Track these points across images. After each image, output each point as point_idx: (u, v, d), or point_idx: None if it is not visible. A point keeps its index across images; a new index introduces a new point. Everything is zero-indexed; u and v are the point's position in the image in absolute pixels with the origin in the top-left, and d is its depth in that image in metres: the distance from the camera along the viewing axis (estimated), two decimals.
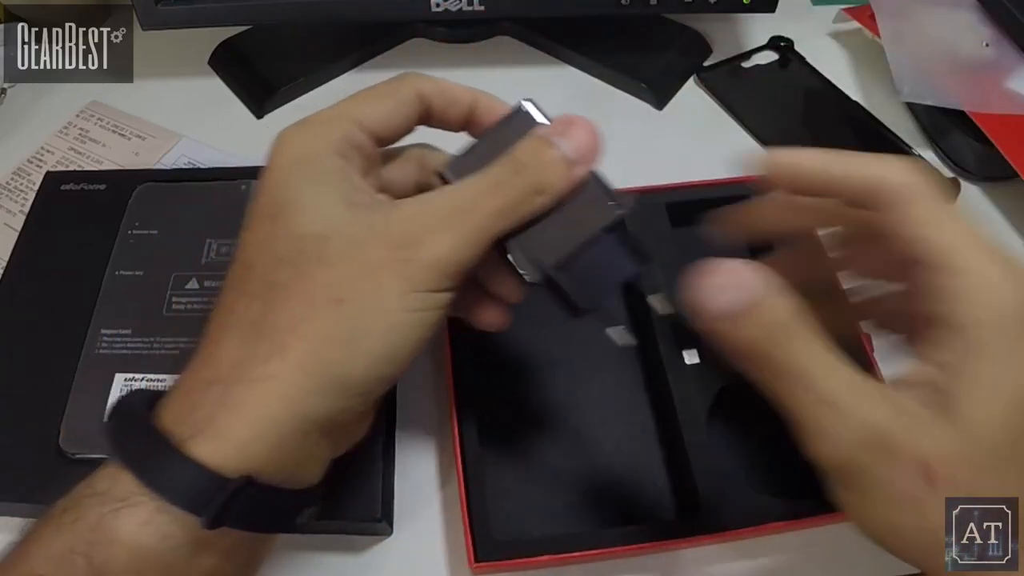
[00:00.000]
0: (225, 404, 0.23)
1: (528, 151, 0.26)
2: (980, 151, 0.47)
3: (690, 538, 0.32)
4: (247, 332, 0.24)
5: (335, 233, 0.24)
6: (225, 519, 0.23)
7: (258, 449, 0.23)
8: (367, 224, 0.24)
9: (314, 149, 0.26)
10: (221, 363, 0.24)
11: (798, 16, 0.58)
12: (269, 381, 0.23)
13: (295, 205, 0.25)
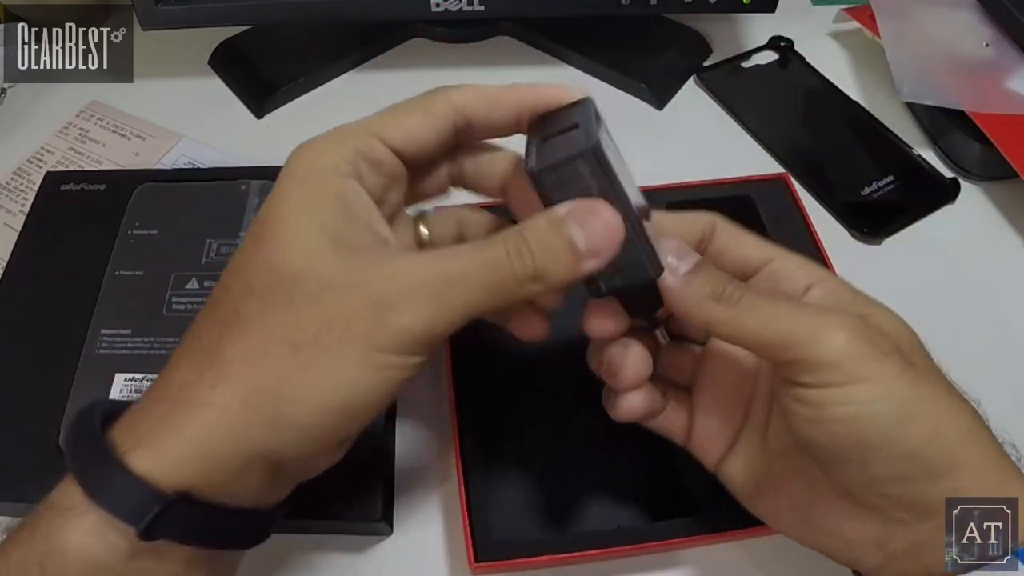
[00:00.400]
0: (167, 422, 0.23)
1: (537, 233, 0.24)
2: (980, 151, 0.47)
3: (690, 538, 0.32)
4: (201, 357, 0.24)
5: (311, 275, 0.23)
6: (160, 532, 0.23)
7: (195, 467, 0.23)
8: (345, 271, 0.23)
9: (321, 165, 0.24)
10: (171, 383, 0.24)
11: (798, 16, 0.58)
12: (210, 407, 0.23)
13: (279, 233, 0.24)
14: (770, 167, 0.49)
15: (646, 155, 0.50)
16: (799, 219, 0.42)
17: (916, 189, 0.48)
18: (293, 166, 0.25)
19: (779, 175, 0.45)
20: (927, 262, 0.45)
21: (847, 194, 0.47)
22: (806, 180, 0.48)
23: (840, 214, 0.47)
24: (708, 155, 0.50)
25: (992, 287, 0.44)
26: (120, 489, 0.23)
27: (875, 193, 0.47)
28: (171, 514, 0.23)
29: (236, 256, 0.25)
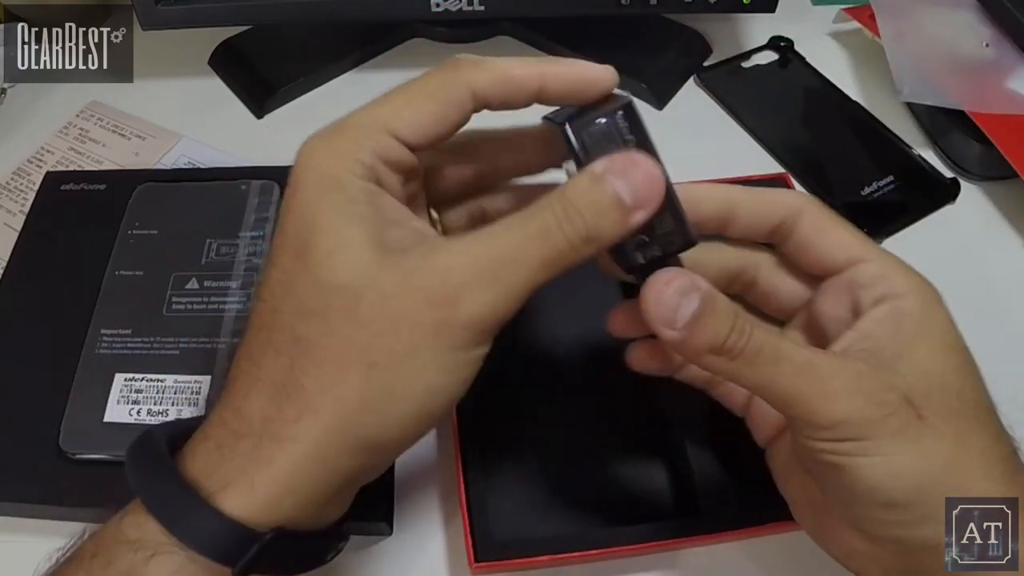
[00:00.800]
0: (255, 459, 0.22)
1: (581, 193, 0.23)
2: (980, 151, 0.47)
3: (690, 538, 0.32)
4: (276, 390, 0.23)
5: (366, 287, 0.22)
6: (255, 567, 0.23)
7: (289, 504, 0.23)
8: (400, 276, 0.22)
9: (343, 170, 0.23)
10: (252, 419, 0.23)
11: (798, 16, 0.58)
12: (299, 442, 0.22)
13: (323, 246, 0.22)
14: (770, 167, 0.49)
15: None
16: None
17: (916, 189, 0.48)
18: (311, 172, 0.23)
19: (779, 175, 0.45)
20: (927, 262, 0.44)
21: (847, 194, 0.47)
22: (806, 180, 0.48)
23: (840, 214, 0.46)
24: (708, 155, 0.49)
25: (992, 287, 0.44)
26: (214, 532, 0.22)
27: (875, 193, 0.47)
28: (265, 550, 0.22)
29: (274, 274, 0.24)
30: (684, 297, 0.23)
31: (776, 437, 0.29)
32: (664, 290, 0.23)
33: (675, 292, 0.23)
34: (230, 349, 0.37)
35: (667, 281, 0.23)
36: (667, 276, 0.24)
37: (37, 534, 0.35)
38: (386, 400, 0.22)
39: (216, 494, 0.22)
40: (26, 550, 0.26)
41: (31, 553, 0.26)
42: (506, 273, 0.22)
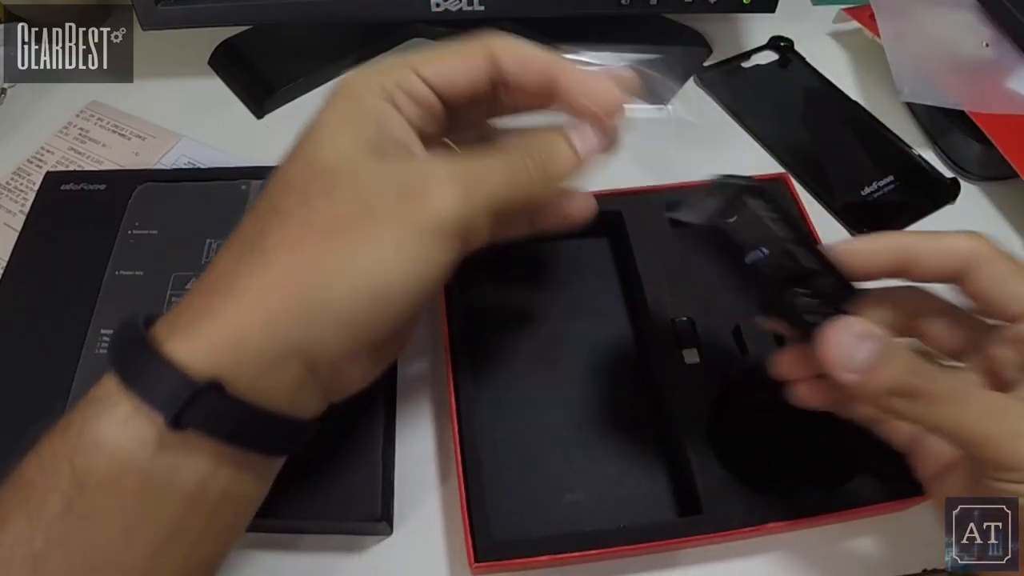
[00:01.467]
0: (204, 311, 0.24)
1: (542, 139, 0.27)
2: (980, 151, 0.47)
3: (690, 538, 0.32)
4: (241, 249, 0.25)
5: (346, 171, 0.25)
6: (189, 421, 0.23)
7: (227, 354, 0.23)
8: (380, 170, 0.25)
9: (362, 88, 0.26)
10: (211, 275, 0.25)
11: (798, 16, 0.58)
12: (246, 293, 0.24)
13: (319, 137, 0.26)
14: (770, 167, 0.49)
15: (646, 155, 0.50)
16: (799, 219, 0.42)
17: (916, 189, 0.48)
18: (337, 89, 0.27)
19: (779, 175, 0.45)
20: None
21: (847, 194, 0.47)
22: (806, 180, 0.48)
23: (840, 214, 0.47)
24: (708, 155, 0.50)
25: None
26: (153, 376, 0.23)
27: (875, 193, 0.47)
28: (201, 403, 0.23)
29: (281, 164, 0.27)
30: (862, 341, 0.24)
31: (943, 473, 0.29)
32: (842, 335, 0.25)
33: (853, 337, 0.24)
34: None
35: (844, 327, 0.25)
36: (844, 322, 0.25)
37: None
38: (337, 267, 0.23)
39: (165, 343, 0.23)
40: None
41: None
42: (474, 183, 0.25)
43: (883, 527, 0.35)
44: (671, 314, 0.38)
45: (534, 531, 0.34)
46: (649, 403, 0.38)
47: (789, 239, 0.26)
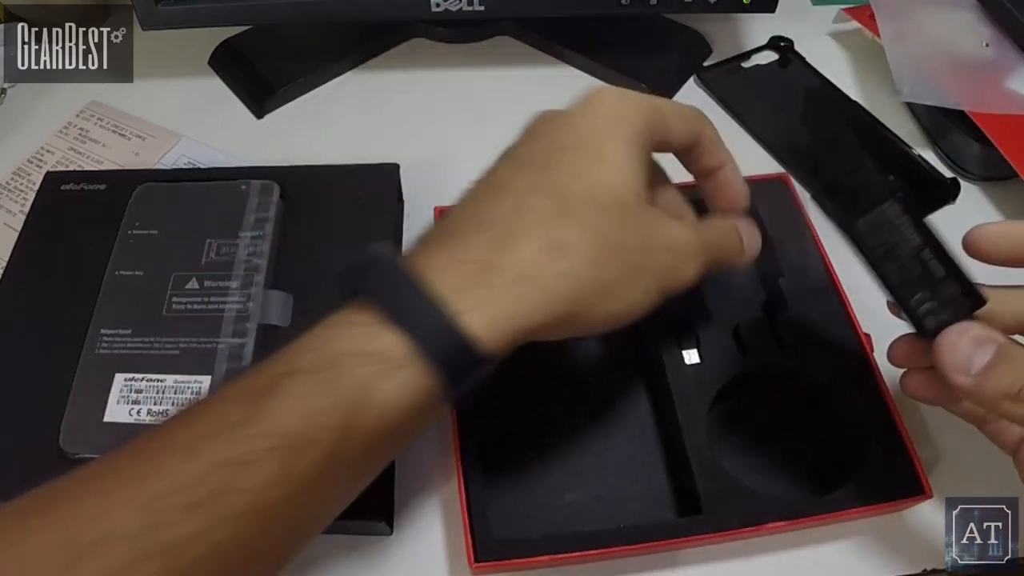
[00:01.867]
0: (508, 294, 0.25)
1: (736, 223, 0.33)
2: (980, 151, 0.47)
3: (690, 538, 0.32)
4: (548, 239, 0.25)
5: (638, 208, 0.27)
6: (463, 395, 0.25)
7: (510, 340, 0.25)
8: (654, 219, 0.28)
9: (627, 113, 0.28)
10: (513, 262, 0.25)
11: (798, 16, 0.58)
12: (549, 292, 0.25)
13: (614, 163, 0.27)
14: (770, 167, 0.49)
15: None
16: (799, 219, 0.42)
17: (916, 189, 0.48)
18: (599, 107, 0.28)
19: (779, 175, 0.45)
20: None
21: None
22: (806, 180, 0.48)
23: None
24: None
25: None
26: (456, 350, 0.24)
27: None
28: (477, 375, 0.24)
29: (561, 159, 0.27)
30: (979, 347, 0.25)
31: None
32: (959, 340, 0.26)
33: (970, 342, 0.25)
34: (230, 349, 0.37)
35: (962, 331, 0.26)
36: (963, 326, 0.26)
37: None
38: (612, 296, 0.26)
39: (463, 314, 0.24)
40: None
41: None
42: (707, 255, 0.29)
43: (883, 527, 0.35)
44: (672, 314, 0.38)
45: (534, 531, 0.34)
46: (649, 403, 0.38)
47: (921, 244, 0.27)
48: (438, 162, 0.48)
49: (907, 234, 0.27)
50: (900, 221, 0.27)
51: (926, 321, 0.27)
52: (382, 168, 0.45)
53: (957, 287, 0.27)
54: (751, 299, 0.38)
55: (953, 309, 0.27)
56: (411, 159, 0.46)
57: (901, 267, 0.27)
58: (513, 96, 0.54)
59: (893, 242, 0.27)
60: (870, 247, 0.27)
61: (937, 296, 0.27)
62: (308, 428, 0.22)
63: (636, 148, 0.28)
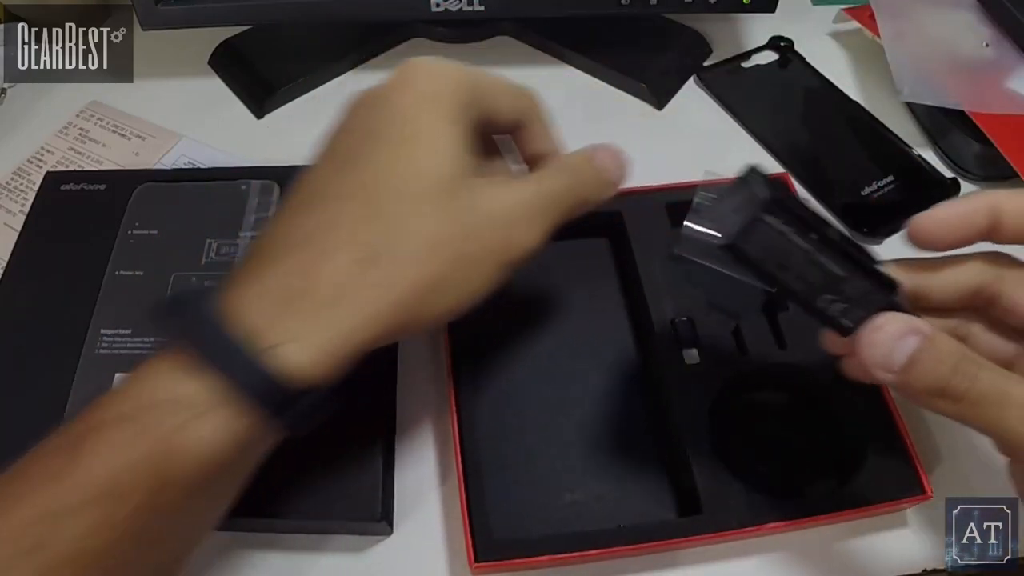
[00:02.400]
0: (321, 319, 0.24)
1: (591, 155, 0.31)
2: (980, 151, 0.47)
3: (690, 538, 0.32)
4: (363, 255, 0.24)
5: (461, 189, 0.26)
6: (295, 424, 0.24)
7: (336, 364, 0.24)
8: (481, 195, 0.26)
9: (442, 87, 0.27)
10: (325, 281, 0.24)
11: (798, 16, 0.58)
12: (367, 305, 0.24)
13: (430, 145, 0.26)
14: (770, 167, 0.49)
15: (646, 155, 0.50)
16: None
17: (916, 189, 0.48)
18: (413, 84, 0.27)
19: (779, 175, 0.45)
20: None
21: (847, 194, 0.47)
22: (806, 180, 0.48)
23: (840, 214, 0.47)
24: (708, 155, 0.50)
25: None
26: (272, 386, 0.23)
27: (875, 193, 0.47)
28: (304, 405, 0.24)
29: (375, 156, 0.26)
30: (899, 341, 0.24)
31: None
32: (876, 336, 0.24)
33: (889, 337, 0.24)
34: None
35: (878, 327, 0.24)
36: (880, 321, 0.24)
37: None
38: (448, 287, 0.25)
39: (279, 346, 0.23)
40: None
41: None
42: (551, 210, 0.28)
43: (883, 527, 0.35)
44: (671, 314, 0.38)
45: (534, 531, 0.34)
46: (649, 403, 0.38)
47: (813, 249, 0.25)
48: None
49: (795, 241, 0.25)
50: (783, 230, 0.25)
51: (842, 321, 0.25)
52: None
53: (864, 281, 0.25)
54: (751, 299, 0.38)
55: (867, 304, 0.25)
56: None
57: (798, 277, 0.25)
58: None
59: (784, 253, 0.25)
60: (759, 265, 0.25)
61: (845, 296, 0.25)
62: (122, 480, 0.23)
63: (455, 123, 0.27)
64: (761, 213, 0.24)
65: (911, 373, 0.23)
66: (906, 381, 0.24)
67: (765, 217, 0.24)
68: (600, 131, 0.53)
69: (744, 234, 0.25)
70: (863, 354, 0.24)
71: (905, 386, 0.24)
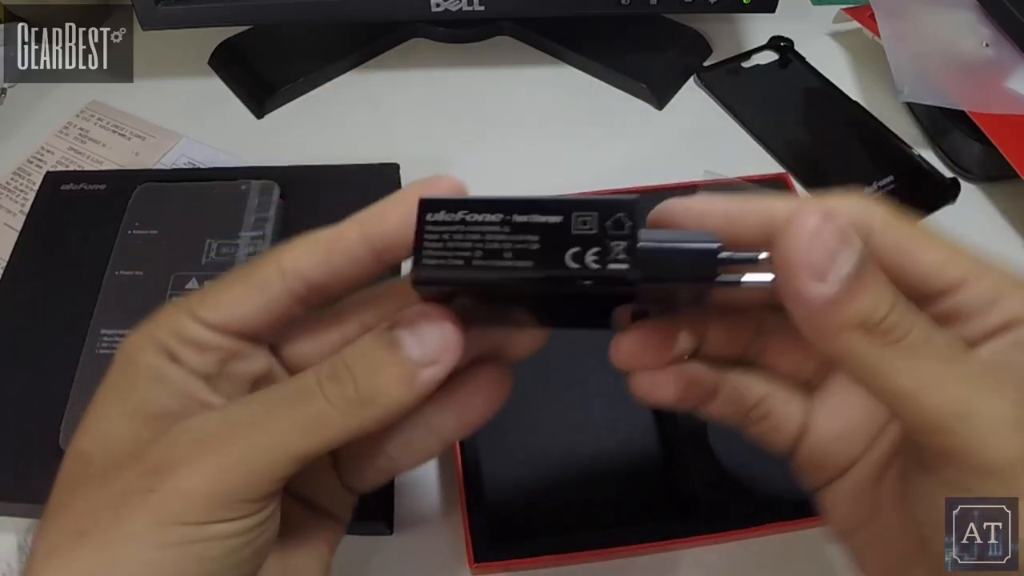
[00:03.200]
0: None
1: (357, 348, 0.20)
2: (980, 151, 0.47)
3: (690, 538, 0.32)
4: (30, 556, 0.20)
5: (103, 457, 0.20)
6: None
7: None
8: (137, 444, 0.20)
9: (136, 349, 0.21)
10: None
11: (798, 16, 0.58)
12: None
13: (85, 422, 0.21)
14: (770, 167, 0.49)
15: (646, 155, 0.50)
16: None
17: (916, 189, 0.48)
18: (117, 355, 0.22)
19: (779, 175, 0.45)
20: None
21: None
22: (806, 180, 0.48)
23: None
24: (708, 155, 0.50)
25: None
26: None
27: (875, 193, 0.47)
28: None
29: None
30: (844, 244, 0.17)
31: (839, 478, 0.24)
32: (824, 226, 0.17)
33: (835, 234, 0.17)
34: None
35: (826, 215, 0.17)
36: (826, 207, 0.17)
37: None
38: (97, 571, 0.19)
39: None
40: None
41: None
42: (240, 441, 0.20)
43: None
44: None
45: (534, 531, 0.34)
46: None
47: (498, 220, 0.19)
48: (438, 162, 0.48)
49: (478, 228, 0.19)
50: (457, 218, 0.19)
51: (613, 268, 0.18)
52: (382, 168, 0.45)
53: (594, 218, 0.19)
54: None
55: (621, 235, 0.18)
56: (411, 159, 0.46)
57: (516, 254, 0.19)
58: (513, 96, 0.54)
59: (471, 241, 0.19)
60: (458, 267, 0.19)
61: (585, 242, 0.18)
62: None
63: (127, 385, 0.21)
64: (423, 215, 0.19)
65: (852, 290, 0.17)
66: (841, 299, 0.17)
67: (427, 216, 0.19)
68: (600, 131, 0.53)
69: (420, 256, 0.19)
70: (794, 250, 0.17)
71: (835, 306, 0.17)
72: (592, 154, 0.50)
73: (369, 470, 0.25)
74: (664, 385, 0.24)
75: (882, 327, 0.17)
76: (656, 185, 0.43)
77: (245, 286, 0.22)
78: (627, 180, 0.43)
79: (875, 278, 0.17)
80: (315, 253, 0.21)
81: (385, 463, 0.24)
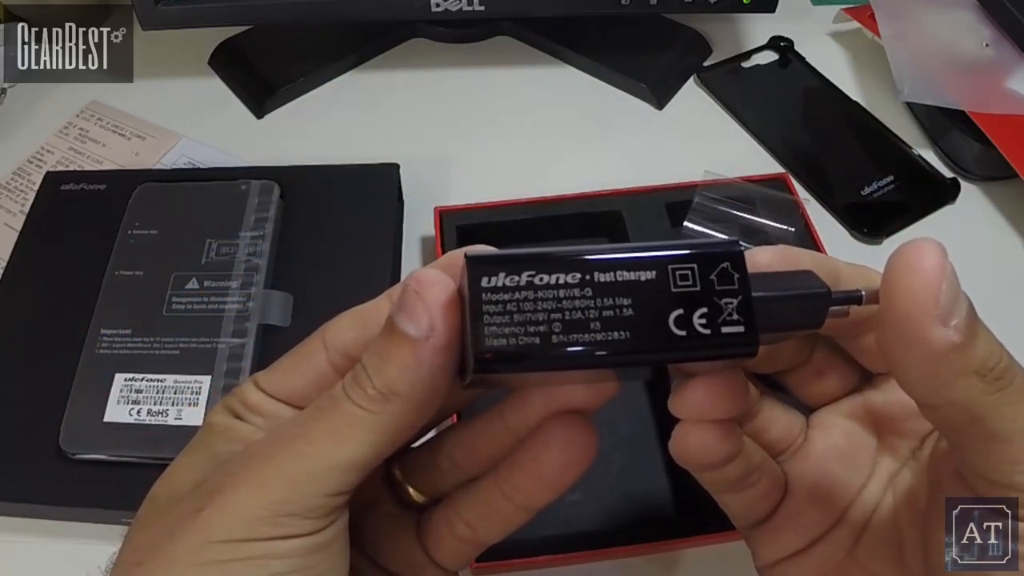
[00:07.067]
0: None
1: (369, 348, 0.20)
2: (980, 151, 0.47)
3: (690, 538, 0.32)
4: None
5: (169, 492, 0.21)
6: None
7: None
8: (202, 480, 0.21)
9: (212, 414, 0.23)
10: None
11: (798, 16, 0.58)
12: None
13: (166, 471, 0.22)
14: (770, 167, 0.49)
15: (646, 155, 0.50)
16: (799, 219, 0.43)
17: (916, 189, 0.48)
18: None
19: (779, 175, 0.45)
20: None
21: (847, 194, 0.47)
22: (806, 180, 0.48)
23: (840, 214, 0.47)
24: (708, 155, 0.50)
25: (992, 287, 0.44)
26: None
27: (875, 193, 0.47)
28: None
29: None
30: (959, 287, 0.16)
31: (798, 553, 0.24)
32: (942, 262, 0.16)
33: (951, 278, 0.16)
34: (230, 349, 0.37)
35: (934, 253, 0.16)
36: (933, 245, 0.16)
37: (37, 534, 0.35)
38: None
39: None
40: (26, 550, 0.26)
41: (31, 553, 0.26)
42: (278, 453, 0.20)
43: None
44: None
45: (534, 531, 0.34)
46: (650, 403, 0.38)
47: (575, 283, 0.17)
48: (438, 162, 0.48)
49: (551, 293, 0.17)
50: (522, 282, 0.17)
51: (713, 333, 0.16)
52: (382, 168, 0.45)
53: (694, 270, 0.17)
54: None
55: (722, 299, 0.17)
56: (411, 159, 0.46)
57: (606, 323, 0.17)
58: (513, 96, 0.54)
59: (544, 312, 0.17)
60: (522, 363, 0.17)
61: (688, 302, 0.17)
62: None
63: (198, 442, 0.22)
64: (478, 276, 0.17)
65: (972, 334, 0.16)
66: (964, 345, 0.16)
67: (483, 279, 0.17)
68: (600, 131, 0.53)
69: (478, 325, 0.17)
70: (914, 292, 0.16)
71: (959, 352, 0.16)
72: (592, 154, 0.50)
73: (447, 537, 0.24)
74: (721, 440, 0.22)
75: (994, 373, 0.17)
76: (656, 185, 0.43)
77: (296, 358, 0.22)
78: (627, 180, 0.43)
79: (983, 327, 0.17)
80: (353, 327, 0.22)
81: (464, 531, 0.24)
